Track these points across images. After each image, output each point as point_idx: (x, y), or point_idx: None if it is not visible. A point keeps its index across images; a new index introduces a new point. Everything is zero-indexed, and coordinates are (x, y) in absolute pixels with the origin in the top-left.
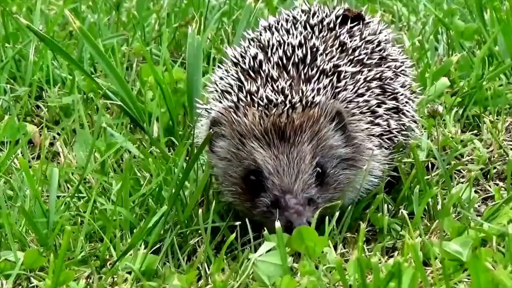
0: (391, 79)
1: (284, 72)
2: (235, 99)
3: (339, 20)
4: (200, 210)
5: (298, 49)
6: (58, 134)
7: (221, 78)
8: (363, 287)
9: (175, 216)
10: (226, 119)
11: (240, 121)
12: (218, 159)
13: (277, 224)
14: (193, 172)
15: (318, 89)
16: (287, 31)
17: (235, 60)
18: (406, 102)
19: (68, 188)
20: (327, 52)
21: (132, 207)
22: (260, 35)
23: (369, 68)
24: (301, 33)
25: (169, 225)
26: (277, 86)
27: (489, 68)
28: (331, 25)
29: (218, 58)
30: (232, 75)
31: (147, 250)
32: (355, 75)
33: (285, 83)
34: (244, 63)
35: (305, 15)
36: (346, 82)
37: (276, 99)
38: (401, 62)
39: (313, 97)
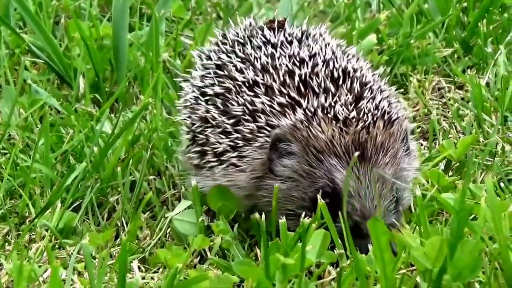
0: None
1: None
2: (302, 113)
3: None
4: (119, 168)
5: (321, 64)
6: None
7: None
8: (274, 248)
9: (95, 173)
10: (299, 134)
11: (318, 137)
12: (279, 180)
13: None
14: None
15: (391, 104)
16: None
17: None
18: None
19: None
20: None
21: (54, 164)
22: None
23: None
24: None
25: (89, 182)
26: (340, 99)
27: (417, 26)
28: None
29: (147, 13)
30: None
31: (64, 207)
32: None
33: (347, 97)
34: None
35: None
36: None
37: (349, 114)
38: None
39: (393, 113)
